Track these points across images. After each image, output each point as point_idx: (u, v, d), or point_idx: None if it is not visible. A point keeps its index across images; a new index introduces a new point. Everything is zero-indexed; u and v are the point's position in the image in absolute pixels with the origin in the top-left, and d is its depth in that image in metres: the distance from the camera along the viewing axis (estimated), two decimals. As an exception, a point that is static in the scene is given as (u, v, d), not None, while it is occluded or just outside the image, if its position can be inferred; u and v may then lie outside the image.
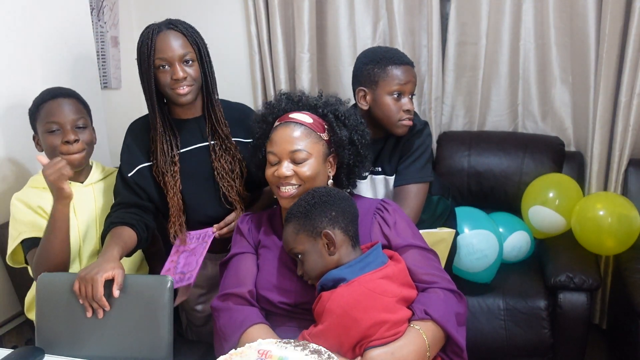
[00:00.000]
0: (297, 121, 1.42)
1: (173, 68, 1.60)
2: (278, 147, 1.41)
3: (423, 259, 1.39)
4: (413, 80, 1.77)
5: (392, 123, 1.76)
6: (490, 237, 2.13)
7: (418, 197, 1.78)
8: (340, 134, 1.45)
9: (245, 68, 2.77)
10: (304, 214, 1.32)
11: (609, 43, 2.31)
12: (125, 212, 1.65)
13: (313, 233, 1.31)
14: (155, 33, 1.61)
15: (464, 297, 1.36)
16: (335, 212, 1.32)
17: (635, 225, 2.17)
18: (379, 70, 1.75)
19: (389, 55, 1.77)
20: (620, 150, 2.40)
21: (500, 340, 2.13)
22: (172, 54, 1.59)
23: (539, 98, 2.60)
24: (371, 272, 1.27)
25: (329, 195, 1.35)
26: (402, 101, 1.74)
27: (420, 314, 1.25)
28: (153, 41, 1.60)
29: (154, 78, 1.61)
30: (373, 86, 1.76)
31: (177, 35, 1.62)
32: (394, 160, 1.83)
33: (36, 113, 1.67)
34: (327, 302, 1.23)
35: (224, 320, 1.36)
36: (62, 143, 1.63)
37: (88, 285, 1.34)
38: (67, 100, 1.67)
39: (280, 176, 1.40)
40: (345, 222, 1.32)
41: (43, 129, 1.64)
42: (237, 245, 1.51)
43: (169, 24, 1.64)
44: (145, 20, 2.75)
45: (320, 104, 1.48)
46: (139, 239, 1.62)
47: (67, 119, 1.64)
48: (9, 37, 1.90)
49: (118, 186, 1.70)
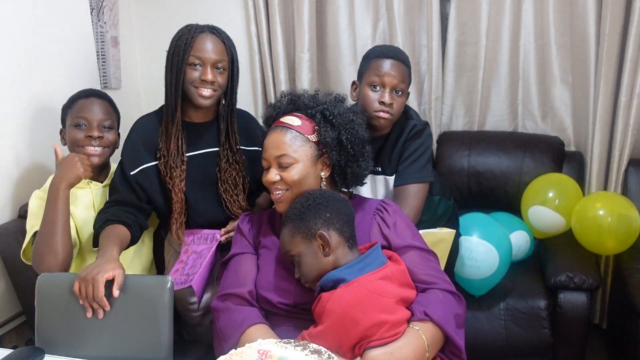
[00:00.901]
0: (285, 125, 1.42)
1: (204, 69, 1.63)
2: (267, 153, 1.43)
3: (422, 260, 1.39)
4: (395, 74, 1.73)
5: (370, 114, 1.74)
6: (491, 252, 2.06)
7: (418, 197, 1.77)
8: (325, 134, 1.42)
9: (245, 68, 2.77)
10: (299, 216, 1.33)
11: (609, 43, 2.30)
12: (122, 210, 1.64)
13: (308, 235, 1.31)
14: (197, 32, 1.64)
15: (463, 298, 1.37)
16: (329, 213, 1.31)
17: (635, 225, 2.17)
18: (365, 63, 1.79)
19: (378, 49, 1.81)
20: (620, 150, 2.40)
21: (500, 340, 2.13)
22: (208, 56, 1.63)
23: (539, 98, 2.60)
24: (370, 272, 1.27)
25: (323, 197, 1.35)
26: (380, 93, 1.74)
27: (419, 315, 1.25)
28: (193, 38, 1.62)
29: (182, 74, 1.63)
30: (360, 79, 1.80)
31: (216, 40, 1.65)
32: (394, 160, 1.83)
33: (68, 108, 1.75)
34: (326, 302, 1.23)
35: (223, 320, 1.36)
36: (85, 137, 1.70)
37: (89, 285, 1.34)
38: (99, 101, 1.75)
39: (268, 181, 1.42)
40: (340, 224, 1.32)
41: (71, 122, 1.72)
42: (237, 245, 1.51)
43: (212, 28, 1.68)
44: (145, 20, 2.78)
45: (311, 103, 1.47)
46: (132, 239, 1.63)
47: (96, 117, 1.72)
48: (9, 37, 1.90)
49: (116, 182, 1.70)
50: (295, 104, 1.48)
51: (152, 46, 2.78)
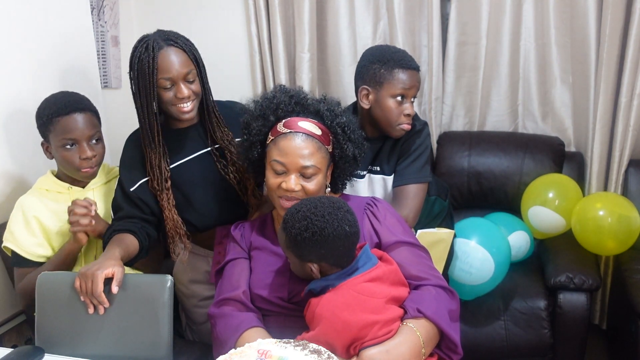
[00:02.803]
0: (307, 132, 1.39)
1: (177, 87, 1.57)
2: (287, 159, 1.37)
3: (413, 256, 1.39)
4: (417, 85, 1.77)
5: (391, 125, 1.75)
6: (487, 261, 2.01)
7: (417, 197, 1.77)
8: (346, 149, 1.43)
9: (246, 68, 2.77)
10: (295, 241, 1.27)
11: (610, 43, 2.30)
12: (128, 221, 1.64)
13: (299, 257, 1.29)
14: (156, 50, 1.54)
15: (456, 293, 1.37)
16: (325, 250, 1.26)
17: (635, 226, 2.17)
18: (385, 72, 1.73)
19: (397, 58, 1.75)
20: (620, 150, 2.40)
21: (500, 340, 2.13)
22: (176, 73, 1.55)
23: (539, 98, 2.60)
24: (359, 275, 1.27)
25: (322, 235, 1.24)
26: (404, 105, 1.74)
27: (413, 312, 1.26)
28: (155, 58, 1.53)
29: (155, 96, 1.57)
30: (377, 87, 1.75)
31: (178, 52, 1.57)
32: (393, 160, 1.82)
33: (49, 125, 1.65)
34: (316, 307, 1.24)
35: (220, 326, 1.37)
36: (80, 160, 1.65)
37: (88, 281, 1.35)
38: (82, 115, 1.65)
39: (288, 190, 1.37)
40: (334, 259, 1.28)
41: (58, 143, 1.65)
42: (231, 252, 1.51)
43: (167, 40, 1.57)
44: (145, 20, 2.77)
45: (326, 112, 1.45)
46: (141, 247, 1.62)
47: (84, 136, 1.65)
48: (9, 36, 1.90)
49: (119, 200, 1.68)
50: (303, 106, 1.45)
51: (152, 46, 2.77)
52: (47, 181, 1.74)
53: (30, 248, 1.67)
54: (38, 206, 1.69)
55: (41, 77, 2.01)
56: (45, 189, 1.72)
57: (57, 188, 1.73)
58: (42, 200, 1.70)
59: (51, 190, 1.72)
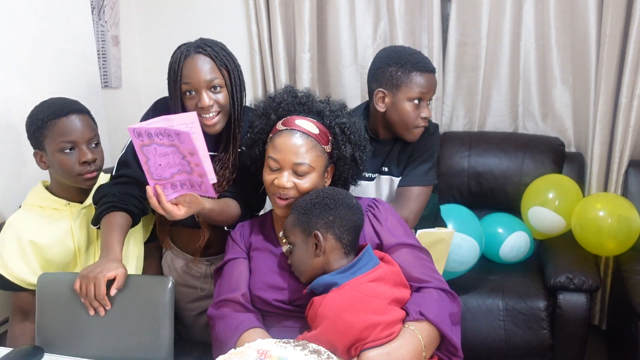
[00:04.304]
0: (303, 130, 1.39)
1: (199, 95, 1.53)
2: (281, 155, 1.38)
3: (415, 258, 1.39)
4: (434, 87, 1.75)
5: (407, 129, 1.73)
6: (473, 248, 2.13)
7: (419, 199, 1.77)
8: (344, 150, 1.43)
9: (246, 67, 2.77)
10: (304, 210, 1.32)
11: (610, 44, 2.31)
12: (129, 194, 1.56)
13: (306, 230, 1.31)
14: (183, 57, 1.53)
15: (457, 296, 1.37)
16: (333, 216, 1.30)
17: (635, 226, 2.17)
18: (403, 75, 1.70)
19: (414, 60, 1.72)
20: (620, 151, 2.40)
21: (500, 340, 2.13)
22: (198, 80, 1.52)
23: (540, 99, 2.60)
24: (362, 275, 1.27)
25: (333, 199, 1.32)
26: (421, 108, 1.72)
27: (415, 315, 1.26)
28: (180, 66, 1.52)
29: (181, 104, 1.54)
30: (394, 90, 1.71)
31: (204, 60, 1.53)
32: (402, 161, 1.81)
33: (44, 130, 1.51)
34: (319, 307, 1.24)
35: (219, 328, 1.36)
36: (80, 164, 1.52)
37: (90, 283, 1.33)
38: (80, 117, 1.54)
39: (280, 186, 1.39)
40: (341, 230, 1.31)
41: (55, 147, 1.51)
42: (230, 251, 1.50)
43: (197, 47, 1.54)
44: (146, 19, 2.78)
45: (327, 112, 1.45)
46: (133, 223, 1.57)
47: (84, 138, 1.52)
48: (9, 36, 1.90)
49: (129, 156, 1.61)
50: (306, 106, 1.45)
51: (152, 45, 2.78)
52: (40, 196, 1.59)
53: (22, 275, 1.51)
54: (33, 228, 1.54)
55: (41, 76, 2.01)
56: (39, 205, 1.57)
57: (53, 205, 1.58)
58: (35, 219, 1.55)
59: (46, 207, 1.58)
